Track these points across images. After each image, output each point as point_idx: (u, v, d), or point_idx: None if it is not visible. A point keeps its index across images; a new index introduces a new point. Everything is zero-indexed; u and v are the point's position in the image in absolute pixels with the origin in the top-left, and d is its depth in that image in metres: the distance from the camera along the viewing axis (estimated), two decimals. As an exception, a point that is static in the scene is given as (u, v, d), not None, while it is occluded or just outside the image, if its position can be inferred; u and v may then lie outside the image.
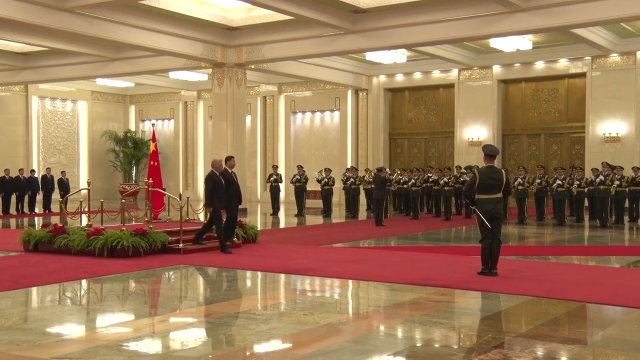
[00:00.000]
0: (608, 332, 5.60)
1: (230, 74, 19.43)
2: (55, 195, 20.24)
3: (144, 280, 8.33)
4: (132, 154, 27.87)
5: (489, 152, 8.16)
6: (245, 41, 18.70)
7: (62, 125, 27.47)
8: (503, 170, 8.42)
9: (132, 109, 29.93)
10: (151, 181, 12.17)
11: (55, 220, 13.18)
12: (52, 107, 27.09)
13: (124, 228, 10.15)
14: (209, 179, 10.58)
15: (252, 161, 25.83)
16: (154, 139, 14.88)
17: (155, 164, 14.08)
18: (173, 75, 24.31)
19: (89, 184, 12.31)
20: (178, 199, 11.40)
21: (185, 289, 8.28)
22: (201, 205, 11.61)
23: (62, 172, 21.29)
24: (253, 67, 20.12)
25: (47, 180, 20.65)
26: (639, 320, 6.10)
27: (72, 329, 5.84)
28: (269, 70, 21.05)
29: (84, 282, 8.09)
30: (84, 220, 12.00)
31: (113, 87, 28.03)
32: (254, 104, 26.37)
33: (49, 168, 21.83)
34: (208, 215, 10.89)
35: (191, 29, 17.41)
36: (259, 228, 12.89)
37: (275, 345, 5.24)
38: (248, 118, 25.42)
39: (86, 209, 11.84)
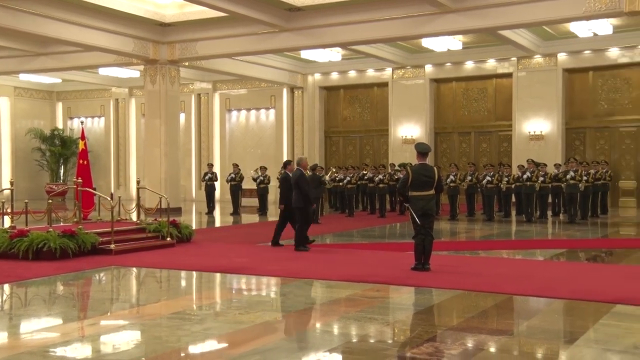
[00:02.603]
0: (532, 323, 5.84)
1: (163, 71, 19.06)
2: (-23, 196, 19.27)
3: (72, 283, 8.06)
4: (60, 152, 26.87)
5: (421, 150, 8.35)
6: (179, 38, 18.39)
7: (-19, 122, 26.20)
8: (435, 168, 8.60)
9: (60, 106, 28.87)
10: (80, 180, 11.77)
11: (-24, 222, 12.57)
12: (-29, 103, 25.79)
13: (50, 229, 9.79)
14: (304, 179, 10.36)
15: (186, 160, 25.41)
16: (83, 137, 14.40)
17: (85, 162, 13.64)
18: (103, 71, 23.62)
19: (12, 183, 11.78)
20: (109, 199, 11.09)
21: (117, 290, 8.06)
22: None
23: (-17, 172, 20.30)
24: (187, 64, 19.81)
25: (-32, 181, 19.65)
26: (560, 310, 6.39)
27: (-5, 336, 5.58)
28: (203, 67, 20.79)
29: (6, 286, 7.74)
30: (7, 221, 11.48)
31: (38, 83, 26.95)
32: (188, 102, 25.97)
33: (-32, 168, 20.78)
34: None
35: (121, 24, 16.96)
36: (193, 227, 12.72)
37: (211, 345, 5.19)
38: (182, 116, 25.00)
39: (9, 210, 11.34)
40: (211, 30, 17.74)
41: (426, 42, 19.10)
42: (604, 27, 17.26)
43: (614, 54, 19.54)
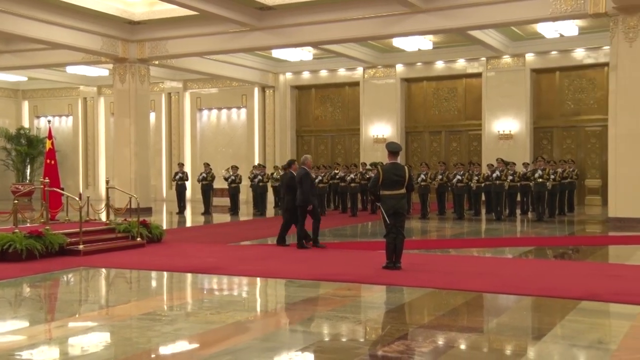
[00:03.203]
0: (502, 320, 5.93)
1: (132, 69, 18.84)
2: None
3: (39, 285, 7.91)
4: (26, 152, 26.32)
5: (392, 149, 8.40)
6: (148, 36, 18.19)
7: (-57, 121, 25.54)
8: (406, 167, 8.68)
9: (26, 105, 28.30)
10: (47, 180, 11.56)
11: (-61, 223, 12.26)
12: None
13: (16, 230, 9.59)
14: (308, 177, 10.45)
15: (157, 159, 25.17)
16: (50, 136, 14.14)
17: (52, 162, 13.39)
18: (70, 69, 23.22)
19: (-23, 184, 11.52)
20: (77, 199, 10.91)
21: (86, 291, 7.94)
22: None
23: (-54, 172, 19.80)
24: (157, 62, 19.61)
25: None
26: (529, 307, 6.50)
27: (-41, 340, 5.45)
28: (173, 66, 20.59)
29: (-28, 289, 7.57)
30: (-28, 223, 11.20)
31: (3, 81, 26.36)
32: (158, 101, 25.72)
33: None
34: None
35: (89, 21, 16.70)
36: (164, 227, 12.61)
37: (182, 346, 5.14)
38: (152, 115, 24.78)
39: (-26, 211, 11.08)
40: (181, 29, 17.59)
41: (397, 42, 19.22)
42: (570, 28, 17.60)
43: (580, 54, 19.93)
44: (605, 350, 4.81)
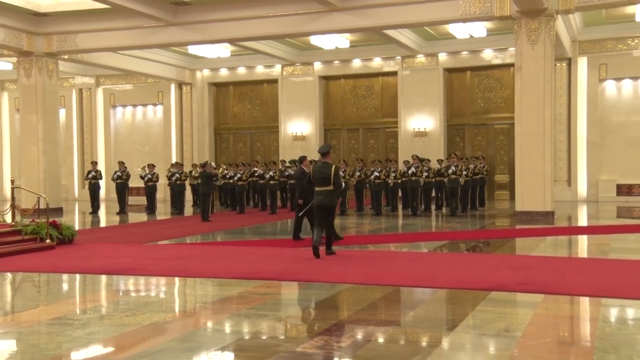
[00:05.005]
0: (417, 312, 6.11)
1: (39, 63, 17.97)
2: None
3: (-62, 293, 7.41)
4: None
5: (320, 151, 9.46)
6: (56, 29, 17.41)
7: None
8: (334, 166, 9.32)
9: None
10: (-55, 181, 10.85)
11: None
12: None
13: None
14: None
15: (68, 157, 24.16)
16: (-52, 134, 13.29)
17: (-49, 161, 12.59)
18: (-30, 62, 21.87)
19: None
20: (-21, 200, 10.30)
21: (-10, 298, 7.50)
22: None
23: None
24: (66, 57, 18.80)
25: None
26: (442, 299, 6.73)
27: None
28: (84, 61, 19.82)
29: None
30: None
31: None
32: (68, 97, 24.70)
33: None
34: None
35: (-9, 12, 15.80)
36: (76, 228, 12.11)
37: (95, 350, 4.97)
38: (62, 112, 23.79)
39: None
40: (93, 23, 16.96)
41: (314, 40, 19.36)
42: (479, 29, 18.34)
43: (488, 55, 20.81)
44: (512, 337, 5.06)
